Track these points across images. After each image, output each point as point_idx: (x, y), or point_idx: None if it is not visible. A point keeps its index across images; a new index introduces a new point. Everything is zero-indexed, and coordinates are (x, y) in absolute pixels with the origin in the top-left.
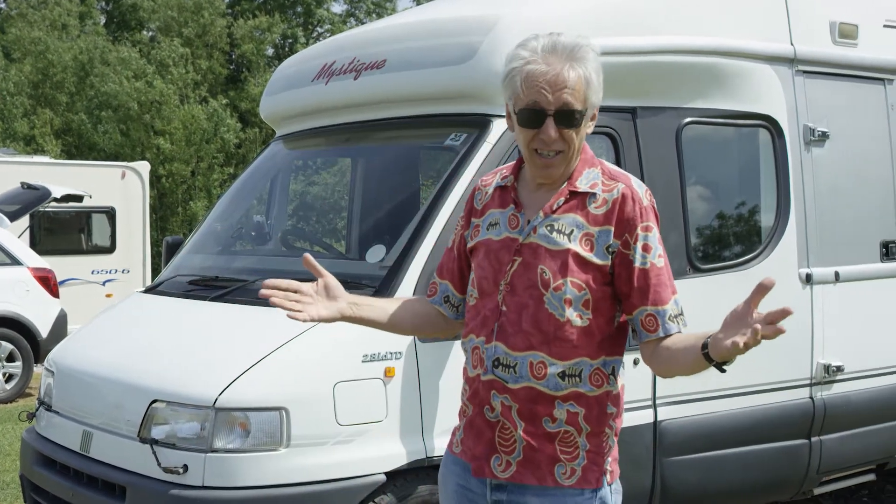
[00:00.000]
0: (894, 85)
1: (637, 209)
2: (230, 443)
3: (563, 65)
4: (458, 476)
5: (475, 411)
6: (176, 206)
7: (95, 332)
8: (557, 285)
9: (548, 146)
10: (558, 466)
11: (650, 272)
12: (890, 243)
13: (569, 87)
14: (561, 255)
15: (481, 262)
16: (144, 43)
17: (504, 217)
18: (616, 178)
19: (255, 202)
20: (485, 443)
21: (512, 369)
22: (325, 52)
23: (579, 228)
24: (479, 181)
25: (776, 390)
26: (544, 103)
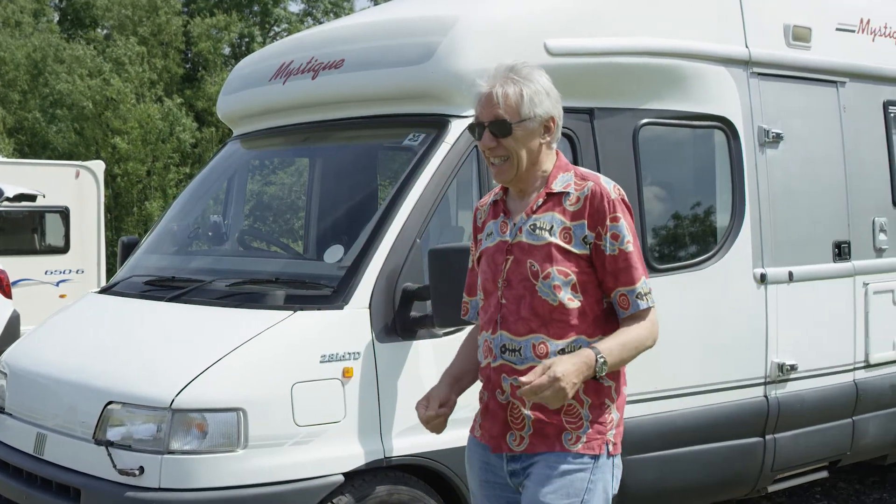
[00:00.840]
0: (846, 87)
1: (605, 203)
2: (187, 444)
3: (499, 83)
4: (480, 455)
5: (489, 396)
6: (131, 206)
7: (50, 332)
8: (546, 274)
9: (492, 152)
10: (565, 434)
11: (619, 257)
12: (842, 244)
13: (498, 102)
14: (544, 248)
15: (483, 268)
16: (99, 41)
17: (496, 225)
18: (586, 178)
19: (211, 202)
20: (500, 423)
21: (517, 353)
22: (282, 51)
23: (558, 224)
24: (478, 203)
25: (731, 389)
26: (482, 117)
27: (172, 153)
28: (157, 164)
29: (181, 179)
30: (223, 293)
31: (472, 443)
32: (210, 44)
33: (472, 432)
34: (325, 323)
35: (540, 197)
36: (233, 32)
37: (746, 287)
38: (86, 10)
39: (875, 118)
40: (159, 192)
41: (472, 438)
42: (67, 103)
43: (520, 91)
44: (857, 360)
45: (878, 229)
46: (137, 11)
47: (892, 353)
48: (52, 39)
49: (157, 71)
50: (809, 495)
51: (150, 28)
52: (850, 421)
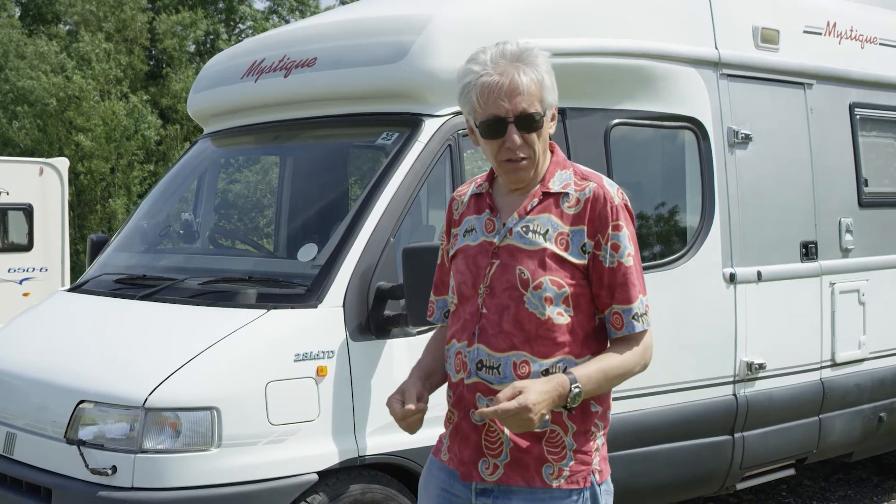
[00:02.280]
0: (813, 89)
1: (608, 208)
2: (160, 443)
3: (514, 71)
4: (441, 481)
5: (460, 416)
6: (94, 204)
7: (18, 331)
8: (537, 284)
9: (514, 153)
10: (546, 467)
11: (618, 271)
12: (809, 244)
13: (523, 92)
14: (538, 255)
15: (460, 268)
16: (61, 37)
17: (480, 222)
18: (588, 178)
19: (182, 200)
20: (472, 447)
21: (496, 370)
22: (254, 49)
23: (554, 228)
24: (455, 192)
25: (701, 388)
26: (503, 113)
27: (137, 150)
28: (122, 162)
29: (145, 177)
30: (195, 291)
31: (435, 466)
32: (175, 41)
33: (437, 454)
34: (298, 322)
35: (535, 196)
36: (198, 30)
37: (716, 287)
38: (48, 5)
39: (841, 120)
40: (123, 189)
41: (434, 461)
42: (30, 100)
43: (541, 77)
44: (823, 359)
45: (845, 230)
46: (102, 7)
47: (858, 352)
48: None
49: (122, 68)
50: (776, 493)
51: (115, 24)
52: (816, 419)
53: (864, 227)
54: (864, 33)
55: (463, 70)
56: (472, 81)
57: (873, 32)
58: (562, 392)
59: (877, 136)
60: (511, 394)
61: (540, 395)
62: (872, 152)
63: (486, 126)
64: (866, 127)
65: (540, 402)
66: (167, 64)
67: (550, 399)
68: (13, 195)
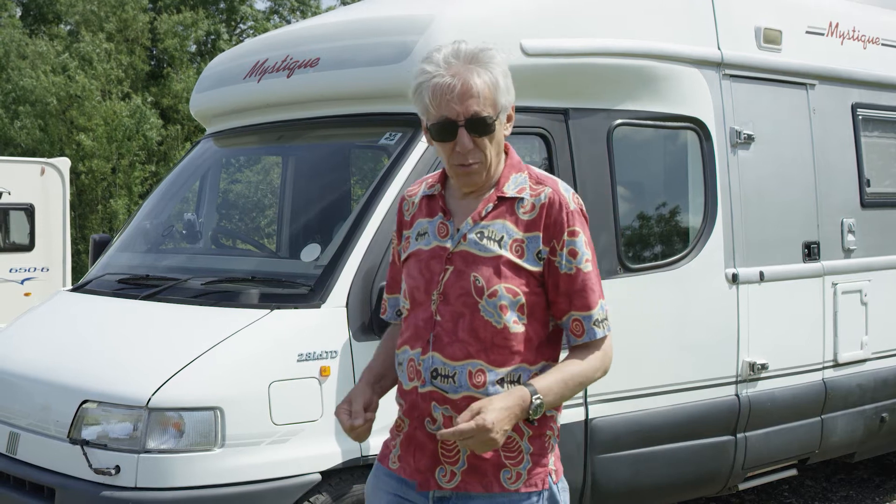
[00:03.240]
0: (816, 90)
1: (564, 214)
2: (164, 443)
3: (468, 73)
4: (392, 487)
5: (413, 425)
6: (95, 204)
7: (21, 331)
8: (492, 292)
9: (464, 157)
10: (504, 472)
11: (576, 277)
12: (811, 244)
13: (475, 94)
14: (493, 262)
15: (412, 273)
16: (62, 37)
17: (433, 226)
18: (543, 183)
19: (184, 200)
20: (428, 455)
21: (451, 379)
22: (257, 49)
23: (509, 235)
24: (406, 192)
25: (703, 388)
26: (454, 115)
27: (139, 151)
28: (123, 162)
29: (147, 177)
30: (198, 291)
31: (383, 474)
32: (176, 41)
33: (384, 461)
34: (301, 322)
35: (490, 201)
36: (199, 30)
37: (718, 287)
38: (49, 5)
39: (843, 120)
40: (124, 189)
41: (381, 469)
42: (31, 99)
43: (495, 79)
44: (825, 359)
45: (847, 230)
46: (103, 7)
47: (860, 352)
48: (14, 35)
49: (123, 68)
50: (778, 493)
51: (116, 24)
52: (818, 419)
53: (866, 228)
54: (867, 34)
55: (417, 70)
56: (425, 82)
57: (876, 33)
58: (523, 405)
59: (879, 136)
60: (469, 416)
61: (500, 413)
62: (874, 153)
63: (437, 128)
64: (868, 127)
65: (500, 420)
66: (168, 64)
67: (512, 414)
68: (14, 195)
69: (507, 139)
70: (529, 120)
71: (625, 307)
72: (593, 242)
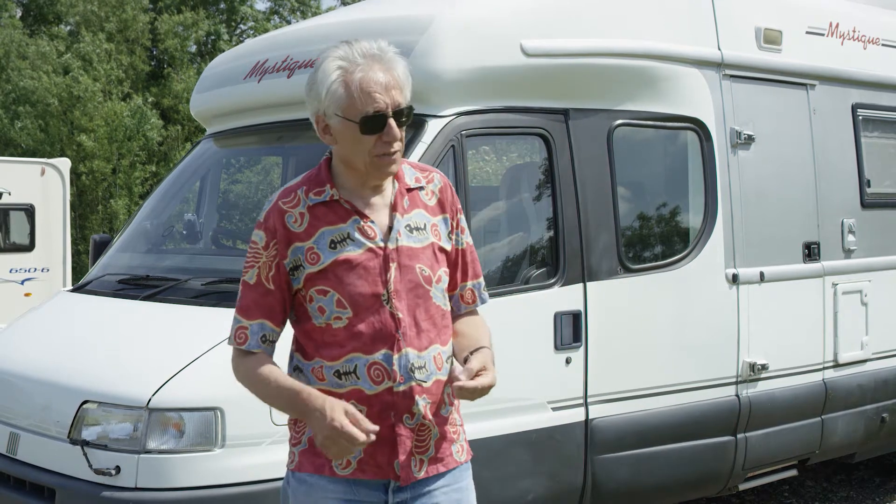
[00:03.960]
0: (816, 90)
1: (454, 195)
2: (164, 443)
3: (389, 65)
4: (341, 493)
5: (385, 424)
6: (96, 205)
7: (22, 331)
8: (437, 278)
9: (390, 146)
10: (454, 446)
11: (468, 251)
12: (811, 244)
13: (398, 86)
14: (429, 250)
15: (347, 280)
16: (62, 37)
17: (351, 229)
18: (427, 170)
19: (184, 200)
20: (407, 451)
21: (423, 369)
22: (257, 49)
23: (427, 221)
24: (279, 205)
25: (704, 388)
26: (383, 106)
27: (139, 151)
28: (124, 162)
29: (147, 178)
30: (198, 292)
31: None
32: (177, 41)
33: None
34: None
35: (401, 194)
36: (200, 30)
37: (719, 287)
38: (49, 5)
39: (844, 121)
40: (125, 190)
41: (319, 478)
42: (32, 100)
43: (406, 73)
44: (826, 359)
45: (847, 230)
46: (103, 7)
47: (860, 352)
48: (14, 35)
49: (124, 68)
50: (778, 493)
51: (116, 24)
52: (819, 420)
53: (866, 228)
54: (867, 34)
55: (326, 68)
56: (341, 77)
57: (876, 33)
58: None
59: (879, 136)
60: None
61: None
62: (875, 153)
63: (368, 121)
64: (869, 128)
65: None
66: (168, 64)
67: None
68: (15, 195)
69: (508, 139)
70: (529, 120)
71: (625, 307)
72: (593, 243)
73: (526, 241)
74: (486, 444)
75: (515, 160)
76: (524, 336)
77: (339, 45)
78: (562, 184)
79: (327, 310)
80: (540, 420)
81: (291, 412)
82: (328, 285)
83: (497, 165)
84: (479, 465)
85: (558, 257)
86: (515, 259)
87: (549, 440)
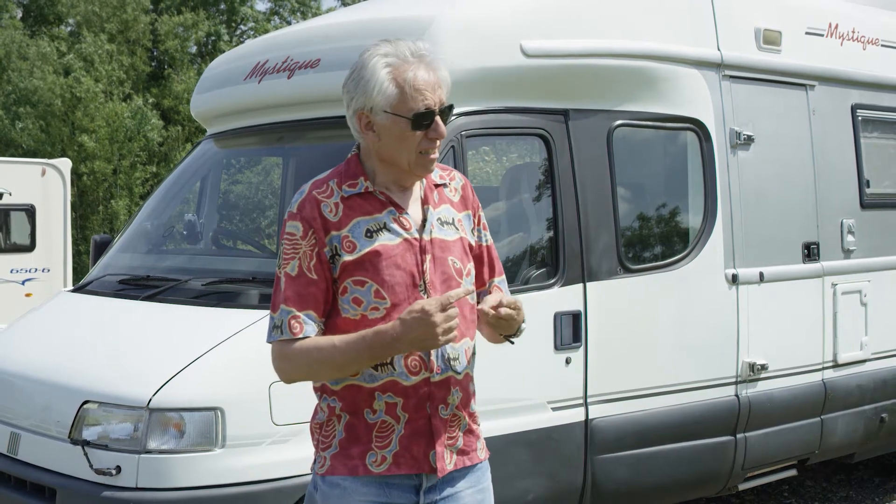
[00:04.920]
0: (815, 91)
1: (473, 193)
2: (164, 443)
3: (435, 66)
4: (373, 496)
5: (423, 415)
6: (97, 205)
7: (23, 331)
8: (467, 271)
9: (434, 144)
10: (478, 443)
11: (492, 248)
12: (811, 245)
13: (443, 86)
14: (458, 244)
15: (385, 270)
16: (63, 38)
17: (388, 220)
18: (448, 169)
19: (185, 201)
20: (443, 443)
21: (458, 360)
22: (257, 50)
23: (455, 217)
24: (313, 195)
25: (703, 388)
26: (433, 104)
27: (140, 152)
28: (124, 163)
29: (147, 178)
30: (199, 292)
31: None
32: (177, 42)
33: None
34: None
35: (431, 189)
36: (200, 31)
37: (718, 287)
38: (50, 6)
39: (843, 121)
40: (125, 191)
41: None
42: (33, 100)
43: (447, 73)
44: (825, 359)
45: (846, 231)
46: (104, 8)
47: (860, 352)
48: (15, 36)
49: (125, 69)
50: (778, 493)
51: (117, 25)
52: (818, 420)
53: (865, 229)
54: (867, 35)
55: (374, 64)
56: (400, 74)
57: (875, 34)
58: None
59: (878, 137)
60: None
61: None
62: (874, 153)
63: (419, 117)
64: (868, 128)
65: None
66: (169, 65)
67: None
68: (15, 196)
69: (508, 139)
70: (529, 121)
71: (625, 308)
72: (593, 243)
73: (526, 242)
74: (487, 444)
75: (515, 160)
76: (524, 336)
77: (380, 43)
78: (562, 184)
79: (364, 300)
80: (540, 420)
81: (371, 355)
82: (366, 276)
83: (497, 166)
84: None
85: (558, 257)
86: (515, 259)
87: (548, 440)
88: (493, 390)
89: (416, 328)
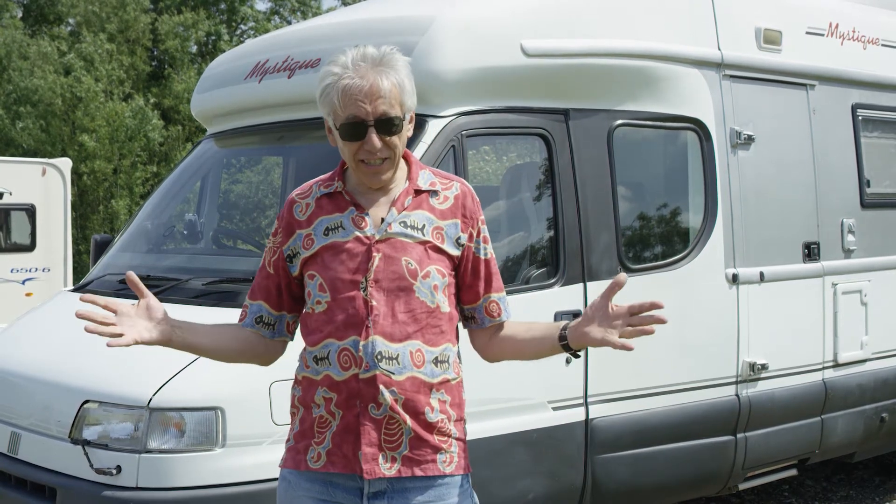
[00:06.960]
0: (816, 90)
1: (475, 204)
2: (165, 443)
3: (376, 74)
4: (316, 493)
5: (353, 413)
6: (97, 205)
7: (23, 331)
8: (425, 273)
9: (373, 155)
10: (440, 455)
11: (491, 262)
12: (811, 244)
13: (383, 95)
14: (420, 247)
15: (330, 264)
16: (63, 37)
17: (346, 219)
18: (450, 178)
19: (185, 201)
20: (372, 442)
21: (395, 360)
22: (258, 49)
23: (430, 223)
24: (293, 195)
25: (703, 388)
26: (363, 115)
27: (140, 151)
28: (125, 163)
29: (148, 178)
30: (199, 292)
31: (304, 479)
32: (177, 42)
33: (300, 466)
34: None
35: (408, 194)
36: (200, 30)
37: (719, 287)
38: (50, 6)
39: (843, 121)
40: (126, 190)
41: (296, 474)
42: (33, 100)
43: (401, 80)
44: (825, 359)
45: (847, 230)
46: (104, 8)
47: (860, 352)
48: (15, 35)
49: (125, 68)
50: (778, 493)
51: (117, 25)
52: (818, 419)
53: (866, 228)
54: (867, 34)
55: (323, 72)
56: (333, 83)
57: (876, 33)
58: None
59: (879, 136)
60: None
61: None
62: (874, 153)
63: (346, 128)
64: (868, 128)
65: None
66: (169, 65)
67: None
68: (16, 195)
69: (509, 139)
70: (529, 120)
71: None
72: (594, 243)
73: (526, 241)
74: (487, 443)
75: (515, 160)
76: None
77: (346, 49)
78: (562, 184)
79: (313, 294)
80: (540, 420)
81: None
82: (315, 269)
83: (497, 165)
84: (480, 465)
85: (558, 257)
86: (515, 259)
87: (549, 440)
88: (494, 390)
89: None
